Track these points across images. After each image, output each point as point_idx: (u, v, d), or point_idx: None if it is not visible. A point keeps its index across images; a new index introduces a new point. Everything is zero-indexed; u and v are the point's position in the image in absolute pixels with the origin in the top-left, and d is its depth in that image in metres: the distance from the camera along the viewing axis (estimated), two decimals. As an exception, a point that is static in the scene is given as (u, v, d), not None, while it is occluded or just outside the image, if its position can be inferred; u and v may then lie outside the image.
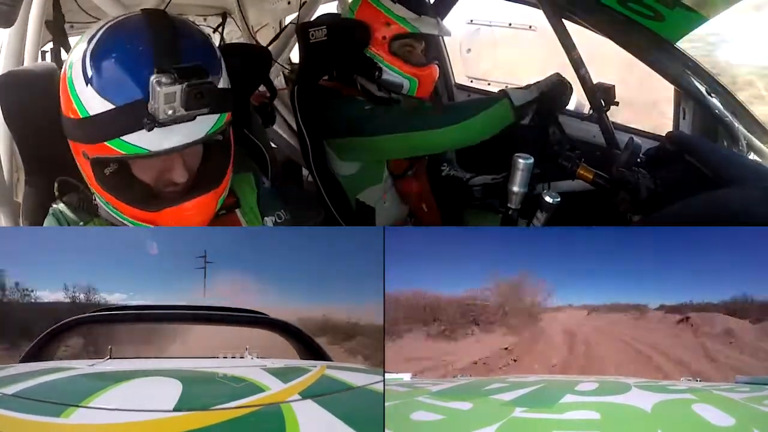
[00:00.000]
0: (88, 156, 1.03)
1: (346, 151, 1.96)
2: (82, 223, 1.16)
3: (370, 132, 1.84)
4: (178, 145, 0.99)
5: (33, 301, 1.21)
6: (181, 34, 1.02)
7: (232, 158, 1.15)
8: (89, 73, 0.99)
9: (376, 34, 1.91)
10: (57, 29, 1.67)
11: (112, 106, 0.97)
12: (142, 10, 1.05)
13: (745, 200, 1.24)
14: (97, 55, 0.99)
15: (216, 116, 1.02)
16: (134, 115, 0.95)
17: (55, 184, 1.17)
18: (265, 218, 1.30)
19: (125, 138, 0.97)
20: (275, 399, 0.94)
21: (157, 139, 0.97)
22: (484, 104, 1.69)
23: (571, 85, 1.75)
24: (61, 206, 1.17)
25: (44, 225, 1.18)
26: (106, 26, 1.03)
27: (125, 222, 1.11)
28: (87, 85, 0.98)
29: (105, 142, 0.99)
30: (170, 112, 0.93)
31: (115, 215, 1.11)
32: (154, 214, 1.07)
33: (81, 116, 1.00)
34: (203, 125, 1.01)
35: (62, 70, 1.05)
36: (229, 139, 1.14)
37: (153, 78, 0.92)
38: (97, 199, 1.14)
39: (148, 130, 0.95)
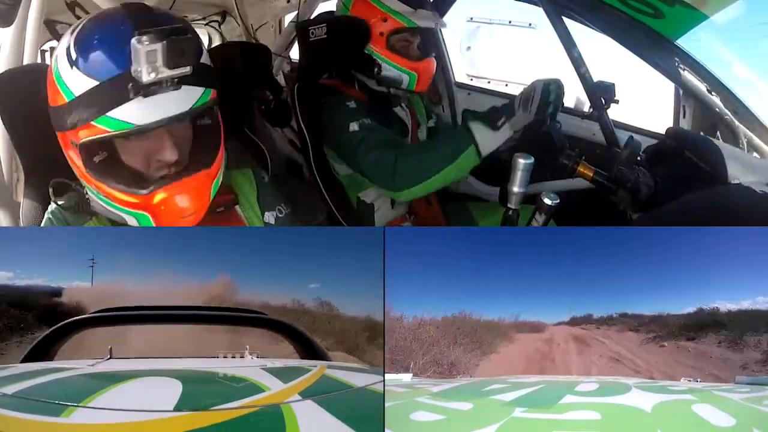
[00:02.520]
0: (77, 143, 1.01)
1: (336, 158, 1.97)
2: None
3: (346, 159, 1.89)
4: (164, 117, 0.97)
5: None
6: (159, 14, 1.03)
7: (223, 142, 1.13)
8: (74, 56, 0.98)
9: (372, 30, 1.90)
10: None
11: (96, 83, 0.96)
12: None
13: (746, 197, 1.24)
14: (81, 40, 1.00)
15: (201, 89, 1.01)
16: (118, 87, 0.94)
17: (50, 188, 1.14)
18: (266, 213, 1.28)
19: (111, 114, 0.96)
20: (275, 399, 0.95)
21: (142, 112, 0.96)
22: (449, 156, 1.66)
23: (555, 86, 1.62)
24: (57, 208, 1.15)
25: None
26: (89, 17, 1.04)
27: (119, 213, 1.08)
28: (72, 68, 0.98)
29: (92, 122, 0.97)
30: (153, 74, 0.92)
31: (107, 206, 1.09)
32: (144, 197, 1.03)
33: (67, 100, 0.99)
34: (188, 97, 0.99)
35: (49, 67, 1.05)
36: (218, 123, 1.12)
37: (134, 39, 0.90)
38: (89, 192, 1.11)
39: (133, 96, 0.94)
